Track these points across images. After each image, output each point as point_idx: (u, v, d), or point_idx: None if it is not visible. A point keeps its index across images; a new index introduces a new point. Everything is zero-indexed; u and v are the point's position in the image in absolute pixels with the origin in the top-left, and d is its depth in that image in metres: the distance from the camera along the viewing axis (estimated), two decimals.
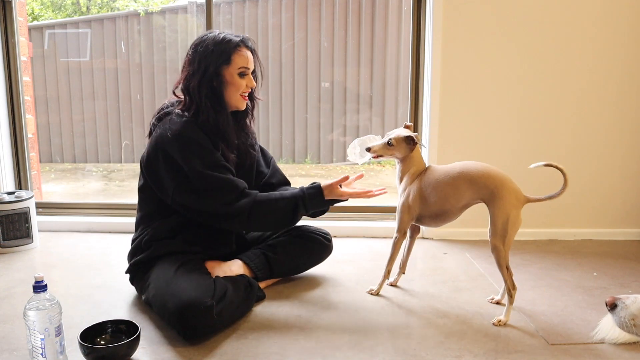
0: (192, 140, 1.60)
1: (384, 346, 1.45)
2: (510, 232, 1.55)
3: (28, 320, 1.24)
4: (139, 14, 4.68)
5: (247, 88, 1.71)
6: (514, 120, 2.47)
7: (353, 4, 4.57)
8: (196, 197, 1.60)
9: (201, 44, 1.67)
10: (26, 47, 2.82)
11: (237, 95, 1.70)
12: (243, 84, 1.69)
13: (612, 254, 2.33)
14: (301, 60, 4.67)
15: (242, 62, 1.67)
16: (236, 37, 1.69)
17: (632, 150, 2.51)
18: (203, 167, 1.59)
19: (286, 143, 4.86)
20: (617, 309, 1.08)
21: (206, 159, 1.60)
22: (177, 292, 1.47)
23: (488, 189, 1.57)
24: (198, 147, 1.60)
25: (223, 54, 1.65)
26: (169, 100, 1.78)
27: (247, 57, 1.69)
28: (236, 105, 1.72)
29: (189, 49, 1.70)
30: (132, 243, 1.77)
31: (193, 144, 1.60)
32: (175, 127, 1.61)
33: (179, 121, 1.63)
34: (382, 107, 4.77)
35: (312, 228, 2.00)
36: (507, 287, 1.59)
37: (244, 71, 1.69)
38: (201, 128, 1.64)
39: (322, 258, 2.01)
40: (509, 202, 1.55)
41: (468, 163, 1.65)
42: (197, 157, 1.59)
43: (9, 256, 2.24)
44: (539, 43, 2.41)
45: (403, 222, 1.73)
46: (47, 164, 4.84)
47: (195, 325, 1.43)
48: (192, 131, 1.61)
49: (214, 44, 1.65)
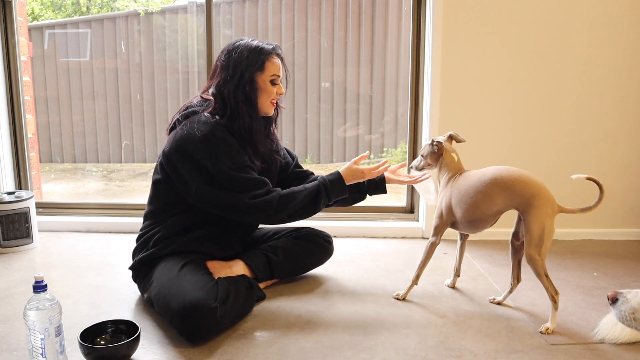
0: (222, 140, 1.62)
1: (384, 346, 1.45)
2: (546, 242, 1.50)
3: (28, 320, 1.24)
4: (139, 14, 4.68)
5: (277, 95, 1.75)
6: (513, 120, 2.47)
7: (353, 4, 4.57)
8: (225, 193, 1.62)
9: (235, 50, 1.69)
10: (26, 47, 2.82)
11: (268, 101, 1.73)
12: (274, 91, 1.73)
13: (612, 254, 2.33)
14: (301, 60, 4.67)
15: (274, 70, 1.71)
16: (268, 45, 1.72)
17: (631, 150, 2.51)
18: (232, 166, 1.61)
19: (286, 143, 4.85)
20: (618, 303, 1.08)
21: (236, 159, 1.63)
22: (181, 293, 1.47)
23: (524, 197, 1.52)
24: (228, 147, 1.62)
25: (257, 61, 1.68)
26: (196, 99, 1.79)
27: (278, 65, 1.73)
28: (266, 111, 1.75)
29: (221, 54, 1.72)
30: (139, 238, 1.75)
31: (223, 144, 1.62)
32: (205, 128, 1.62)
33: (209, 122, 1.64)
34: (382, 107, 4.77)
35: (314, 230, 2.00)
36: (549, 294, 1.52)
37: (275, 79, 1.72)
38: (232, 132, 1.66)
39: (323, 260, 2.01)
40: (545, 212, 1.50)
41: (501, 168, 1.59)
42: (227, 157, 1.61)
43: (9, 256, 2.24)
44: (539, 43, 2.41)
45: (437, 227, 1.73)
46: (47, 164, 4.84)
47: (198, 327, 1.43)
48: (222, 133, 1.63)
49: (249, 51, 1.68)
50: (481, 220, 1.62)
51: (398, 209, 2.75)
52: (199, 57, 4.37)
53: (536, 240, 1.50)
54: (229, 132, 1.66)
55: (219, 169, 1.60)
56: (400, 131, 4.78)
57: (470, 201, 1.60)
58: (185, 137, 1.62)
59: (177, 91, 4.50)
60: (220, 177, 1.60)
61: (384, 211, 2.75)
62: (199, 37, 4.39)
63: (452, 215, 1.68)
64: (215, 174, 1.60)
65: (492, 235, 2.23)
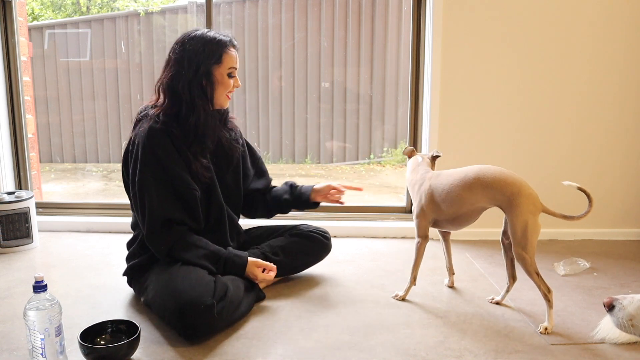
0: (152, 150, 1.58)
1: (384, 346, 1.44)
2: (530, 239, 1.50)
3: (28, 320, 1.23)
4: (139, 14, 4.68)
5: (233, 88, 1.72)
6: (513, 121, 2.47)
7: (353, 4, 4.57)
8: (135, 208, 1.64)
9: (190, 42, 1.63)
10: (26, 47, 2.82)
11: (224, 94, 1.71)
12: (231, 83, 1.70)
13: (612, 254, 2.32)
14: (301, 60, 4.67)
15: (232, 62, 1.67)
16: (225, 36, 1.68)
17: (631, 150, 2.51)
18: (151, 181, 1.58)
19: (286, 143, 4.86)
20: (614, 310, 1.08)
21: (158, 174, 1.59)
22: (177, 292, 1.47)
23: (504, 195, 1.53)
24: (155, 159, 1.59)
25: (214, 53, 1.63)
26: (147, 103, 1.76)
27: (235, 57, 1.70)
28: (221, 104, 1.73)
29: (175, 45, 1.66)
30: (129, 247, 1.77)
31: (151, 156, 1.58)
32: (141, 134, 1.61)
33: (146, 127, 1.61)
34: (382, 107, 4.77)
35: (311, 227, 2.00)
36: (542, 292, 1.53)
37: (232, 71, 1.69)
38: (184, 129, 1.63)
39: (321, 257, 2.01)
40: (527, 209, 1.50)
41: (483, 167, 1.60)
42: (150, 170, 1.58)
43: (9, 256, 2.24)
44: (539, 43, 2.41)
45: (420, 227, 1.72)
46: (47, 164, 4.84)
47: (195, 325, 1.43)
48: (155, 141, 1.59)
49: (204, 43, 1.63)
50: (465, 216, 1.64)
51: (398, 209, 2.75)
52: None
53: (520, 239, 1.51)
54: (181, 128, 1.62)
55: (141, 177, 1.58)
56: (401, 131, 4.78)
57: (455, 199, 1.61)
58: (129, 143, 1.64)
59: None
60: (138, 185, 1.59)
61: (384, 211, 2.75)
62: None
63: (435, 213, 1.68)
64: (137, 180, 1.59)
65: (492, 235, 2.23)
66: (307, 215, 2.70)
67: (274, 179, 2.05)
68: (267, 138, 4.82)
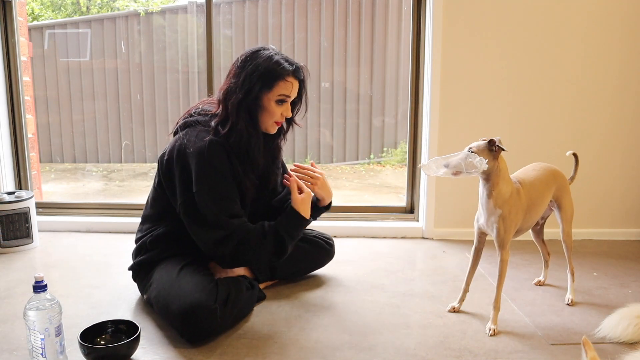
0: (211, 164, 1.54)
1: (384, 346, 1.45)
2: None
3: (28, 320, 1.24)
4: (139, 14, 4.68)
5: (281, 117, 1.64)
6: (513, 120, 2.47)
7: (353, 4, 4.57)
8: (190, 222, 1.57)
9: (252, 60, 1.58)
10: (26, 47, 2.82)
11: (270, 121, 1.63)
12: (279, 112, 1.62)
13: (612, 254, 2.32)
14: (301, 60, 4.66)
15: (284, 91, 1.59)
16: (290, 65, 1.60)
17: (631, 150, 2.51)
18: (208, 196, 1.53)
19: (286, 143, 4.86)
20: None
21: (216, 190, 1.54)
22: (181, 294, 1.46)
23: (561, 183, 1.72)
24: (213, 173, 1.54)
25: (269, 79, 1.56)
26: (202, 104, 1.72)
27: (292, 86, 1.61)
28: (267, 130, 1.66)
29: (240, 58, 1.61)
30: (138, 240, 1.74)
31: (210, 169, 1.53)
32: (199, 145, 1.55)
33: (206, 139, 1.56)
34: (382, 107, 4.77)
35: (315, 232, 2.00)
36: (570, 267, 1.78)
37: (283, 99, 1.61)
38: (228, 149, 1.58)
39: (324, 263, 2.01)
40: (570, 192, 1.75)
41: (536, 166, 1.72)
42: (207, 184, 1.53)
43: (9, 256, 2.24)
44: (539, 42, 2.41)
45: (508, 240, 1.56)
46: (47, 164, 4.84)
47: (198, 329, 1.43)
48: (214, 155, 1.54)
49: (265, 67, 1.56)
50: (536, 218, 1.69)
51: (398, 209, 2.75)
52: (199, 57, 4.37)
53: (570, 218, 1.76)
54: (226, 149, 1.57)
55: (199, 190, 1.53)
56: (401, 131, 4.78)
57: (541, 203, 1.66)
58: (180, 148, 1.57)
59: (177, 91, 4.50)
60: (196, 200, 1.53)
61: (384, 211, 2.75)
62: (199, 37, 4.39)
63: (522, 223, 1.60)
64: (195, 193, 1.54)
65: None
66: None
67: None
68: None
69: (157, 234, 1.68)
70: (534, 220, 1.66)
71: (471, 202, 2.55)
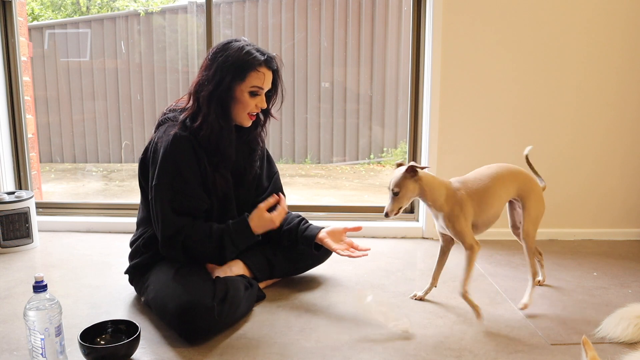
0: (173, 159, 1.56)
1: (383, 346, 1.45)
2: (540, 218, 1.71)
3: (28, 320, 1.24)
4: (139, 14, 4.68)
5: (256, 108, 1.64)
6: (513, 120, 2.47)
7: (353, 4, 4.57)
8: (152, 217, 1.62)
9: (222, 52, 1.58)
10: (26, 47, 2.82)
11: (244, 113, 1.63)
12: (252, 103, 1.62)
13: (612, 254, 2.32)
14: (301, 60, 4.67)
15: (257, 82, 1.59)
16: (261, 54, 1.59)
17: (632, 150, 2.51)
18: (163, 192, 1.56)
19: (286, 143, 4.86)
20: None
21: (171, 185, 1.56)
22: (177, 293, 1.46)
23: (525, 184, 1.68)
24: (173, 168, 1.56)
25: (240, 70, 1.56)
26: (176, 102, 1.74)
27: (265, 77, 1.60)
28: (241, 122, 1.66)
29: (210, 51, 1.61)
30: (132, 245, 1.76)
31: (170, 164, 1.56)
32: (165, 139, 1.58)
33: (172, 134, 1.58)
34: (382, 107, 4.78)
35: None
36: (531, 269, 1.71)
37: (257, 91, 1.60)
38: (196, 143, 1.59)
39: (323, 259, 2.01)
40: (539, 193, 1.71)
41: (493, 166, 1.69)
42: (165, 179, 1.56)
43: (9, 256, 2.24)
44: (539, 43, 2.41)
45: (469, 234, 1.60)
46: (47, 164, 4.84)
47: (196, 327, 1.43)
48: (177, 149, 1.56)
49: (235, 57, 1.56)
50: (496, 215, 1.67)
51: None
52: (199, 57, 4.37)
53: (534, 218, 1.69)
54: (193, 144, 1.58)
55: (158, 184, 1.56)
56: (401, 131, 4.78)
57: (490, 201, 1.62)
58: (152, 147, 1.62)
59: (177, 91, 4.50)
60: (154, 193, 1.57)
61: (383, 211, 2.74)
62: (199, 37, 4.40)
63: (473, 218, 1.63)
64: (154, 186, 1.57)
65: (492, 235, 2.23)
66: (307, 216, 2.69)
67: None
68: (267, 138, 4.82)
69: (149, 235, 1.69)
70: (490, 215, 1.63)
71: None
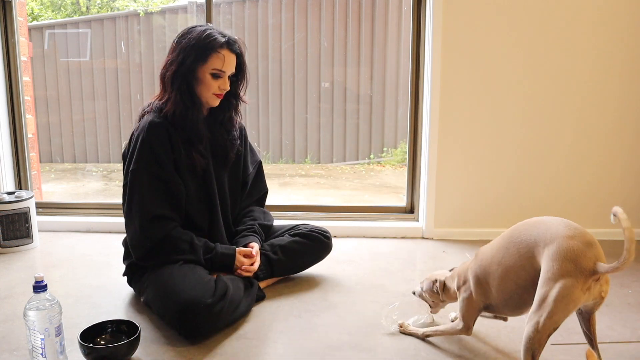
0: (150, 146, 1.60)
1: (383, 346, 1.45)
2: None
3: (28, 320, 1.24)
4: (139, 14, 4.68)
5: (219, 90, 1.68)
6: (514, 120, 2.47)
7: (353, 4, 4.57)
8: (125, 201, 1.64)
9: (186, 35, 1.65)
10: (26, 47, 2.82)
11: (209, 93, 1.68)
12: (215, 85, 1.66)
13: (612, 254, 2.32)
14: (301, 60, 4.67)
15: (217, 64, 1.64)
16: (222, 37, 1.64)
17: (632, 150, 2.51)
18: (144, 175, 1.60)
19: (286, 143, 4.86)
20: None
21: (152, 169, 1.60)
22: (177, 292, 1.47)
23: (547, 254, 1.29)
24: (151, 154, 1.60)
25: (201, 51, 1.62)
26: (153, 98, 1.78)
27: (226, 60, 1.65)
28: (208, 102, 1.71)
29: (177, 36, 1.68)
30: (125, 244, 1.76)
31: (147, 150, 1.60)
32: (141, 126, 1.64)
33: (147, 121, 1.63)
34: (382, 107, 4.77)
35: (311, 226, 2.00)
36: None
37: (218, 73, 1.65)
38: (169, 126, 1.64)
39: (322, 256, 2.01)
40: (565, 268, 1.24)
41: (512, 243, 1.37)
42: (144, 164, 1.60)
43: (9, 256, 2.24)
44: (540, 43, 2.41)
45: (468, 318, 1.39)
46: (47, 164, 4.84)
47: (195, 325, 1.43)
48: (154, 136, 1.61)
49: (197, 39, 1.62)
50: None
51: (398, 209, 2.75)
52: None
53: None
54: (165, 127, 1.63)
55: (135, 168, 1.60)
56: (401, 131, 4.78)
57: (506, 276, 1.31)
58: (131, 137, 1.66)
59: None
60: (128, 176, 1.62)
61: (384, 211, 2.75)
62: None
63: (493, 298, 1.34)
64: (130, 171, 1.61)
65: (492, 235, 2.23)
66: (307, 216, 2.70)
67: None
68: (267, 138, 4.82)
69: None
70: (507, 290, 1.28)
71: (471, 202, 2.55)
